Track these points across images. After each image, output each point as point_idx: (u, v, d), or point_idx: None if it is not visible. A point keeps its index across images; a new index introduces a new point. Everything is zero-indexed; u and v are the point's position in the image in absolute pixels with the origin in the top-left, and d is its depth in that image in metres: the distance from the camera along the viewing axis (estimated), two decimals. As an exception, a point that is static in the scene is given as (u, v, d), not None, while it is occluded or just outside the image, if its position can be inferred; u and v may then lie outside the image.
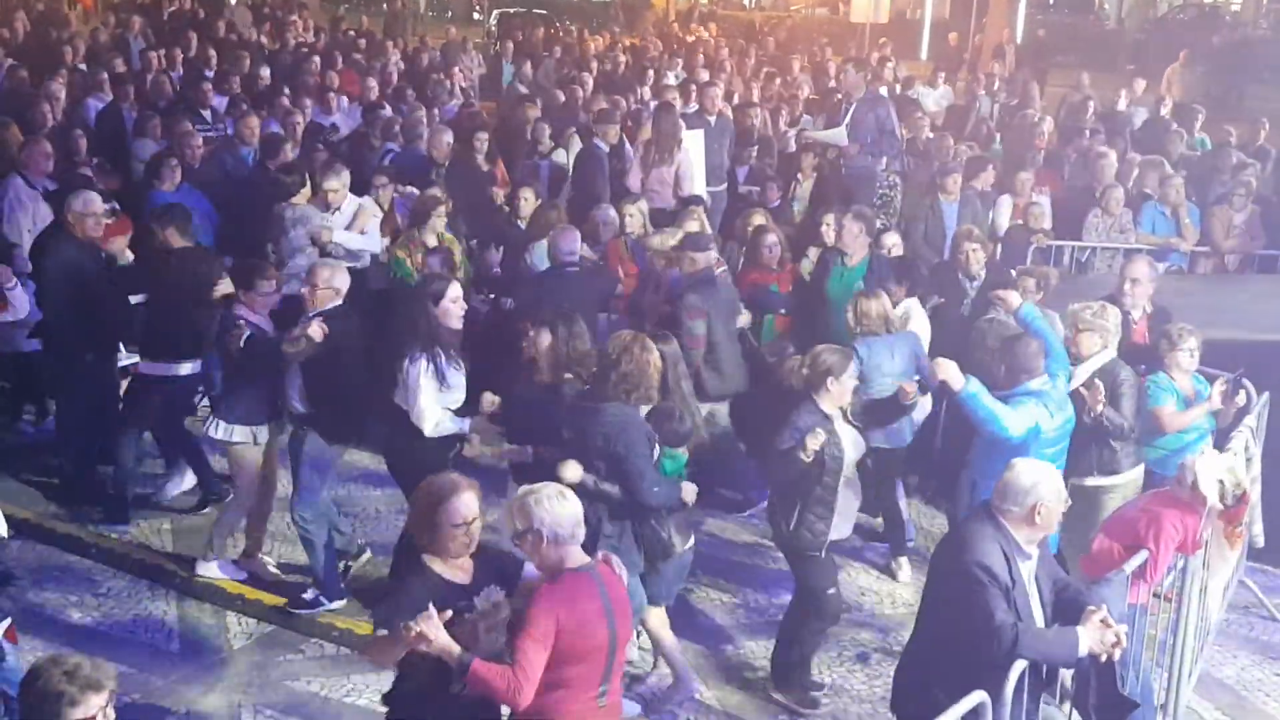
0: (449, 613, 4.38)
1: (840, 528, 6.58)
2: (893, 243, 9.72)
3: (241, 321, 7.20)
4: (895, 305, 8.28)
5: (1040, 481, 5.13)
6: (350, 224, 9.64)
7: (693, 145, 11.86)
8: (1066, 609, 5.17)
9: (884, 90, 15.23)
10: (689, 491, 6.43)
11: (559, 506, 4.61)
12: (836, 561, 6.98)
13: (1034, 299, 7.90)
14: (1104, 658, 5.08)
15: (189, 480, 8.60)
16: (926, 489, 9.08)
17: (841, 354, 6.56)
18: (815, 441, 6.25)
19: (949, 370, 6.49)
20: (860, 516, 7.43)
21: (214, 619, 7.39)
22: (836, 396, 6.48)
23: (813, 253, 9.96)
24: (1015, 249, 10.72)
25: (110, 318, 8.34)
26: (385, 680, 6.70)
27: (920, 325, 8.45)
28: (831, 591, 6.66)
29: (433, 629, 4.32)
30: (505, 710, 4.65)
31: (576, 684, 4.59)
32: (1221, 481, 6.28)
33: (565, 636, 4.49)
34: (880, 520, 8.51)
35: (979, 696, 4.82)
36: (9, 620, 5.31)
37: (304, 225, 9.40)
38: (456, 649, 4.36)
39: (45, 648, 6.59)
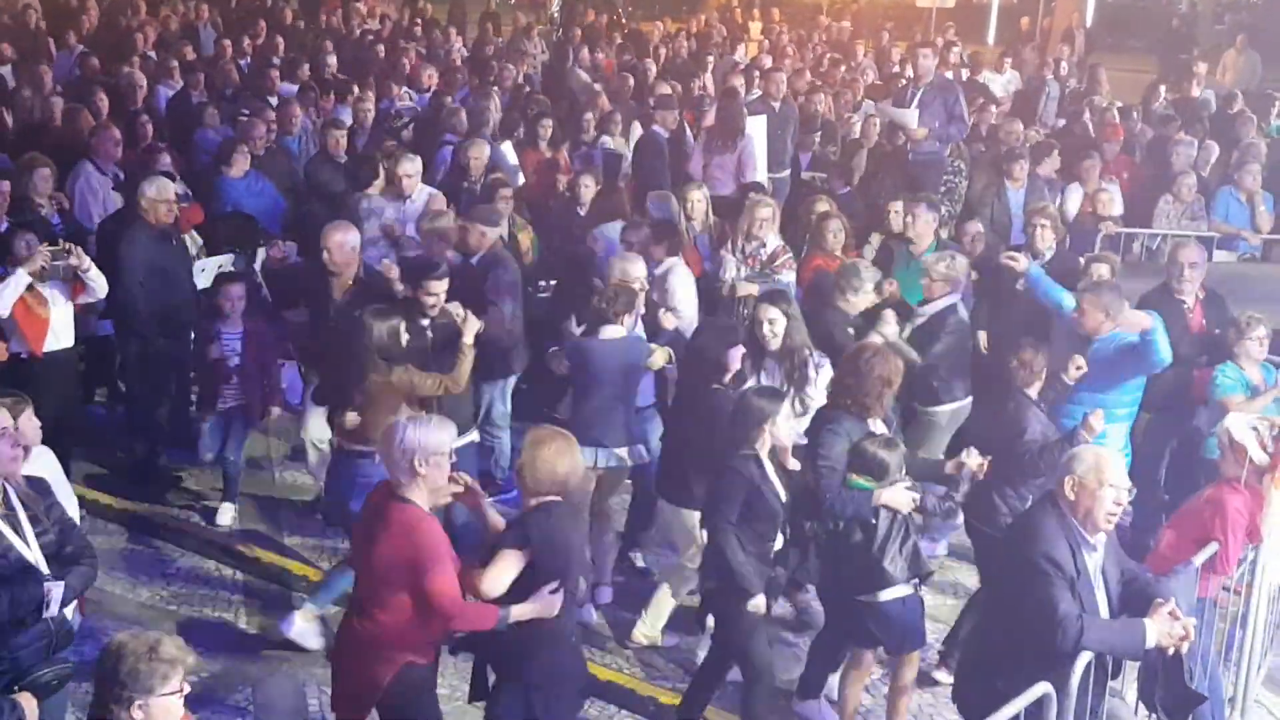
0: None
1: None
2: (975, 231, 9.62)
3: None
4: (657, 265, 8.50)
5: (1076, 456, 5.11)
6: (422, 215, 9.68)
7: (755, 131, 11.81)
8: (1134, 601, 5.11)
9: (950, 75, 15.07)
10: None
11: (420, 435, 5.00)
12: None
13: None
14: (1171, 651, 5.02)
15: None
16: None
17: (1037, 346, 6.92)
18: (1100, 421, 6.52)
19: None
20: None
21: (281, 598, 7.49)
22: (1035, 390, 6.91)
23: (875, 239, 9.89)
24: (1084, 236, 10.59)
25: (182, 302, 8.47)
26: (449, 661, 6.81)
27: (684, 284, 8.57)
28: None
29: None
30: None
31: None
32: (1255, 428, 6.16)
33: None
34: None
35: (1044, 688, 4.78)
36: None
37: (378, 217, 9.46)
38: None
39: (115, 626, 6.71)
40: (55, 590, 5.01)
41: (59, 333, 7.81)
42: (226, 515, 8.23)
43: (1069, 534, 4.99)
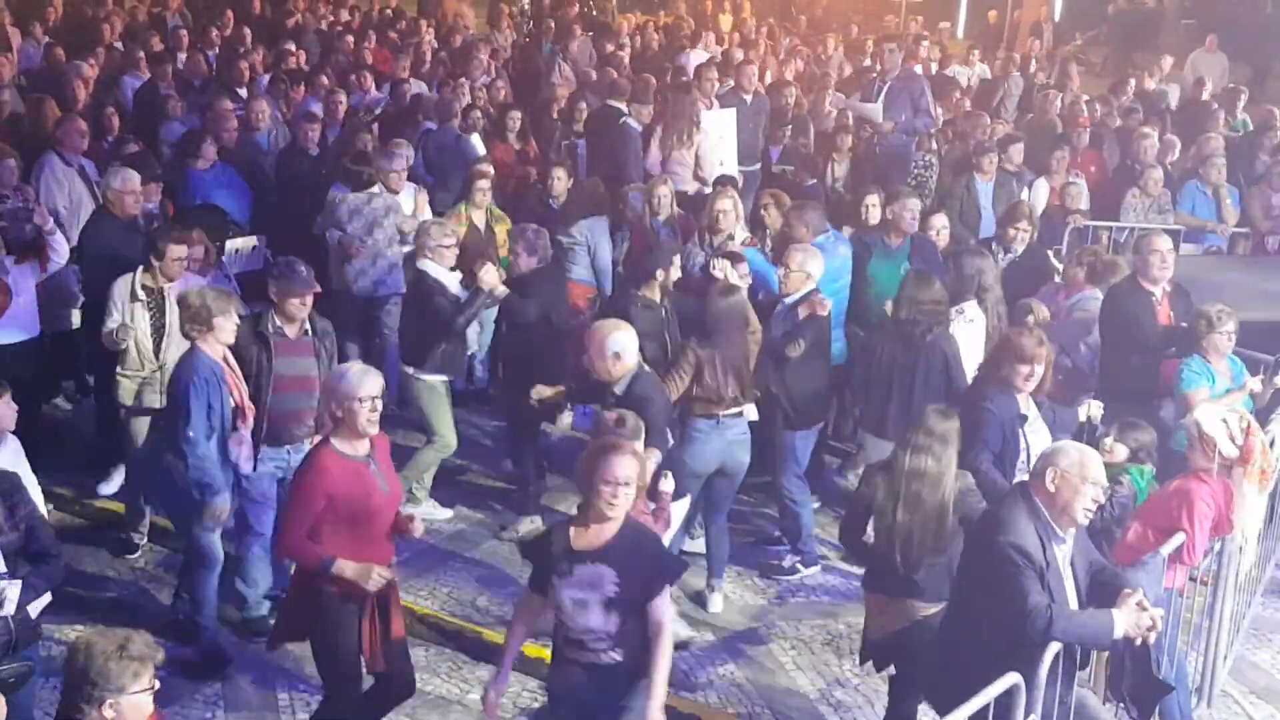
0: None
1: None
2: (940, 225, 9.63)
3: None
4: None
5: (1060, 450, 5.13)
6: (415, 209, 9.69)
7: (725, 124, 11.79)
8: (1102, 592, 5.14)
9: (918, 68, 15.11)
10: None
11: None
12: None
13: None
14: (1139, 641, 5.05)
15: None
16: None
17: None
18: None
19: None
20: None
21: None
22: None
23: (846, 231, 9.88)
24: (1052, 229, 10.65)
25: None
26: (417, 657, 6.81)
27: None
28: None
29: None
30: None
31: None
32: (1225, 420, 6.20)
33: None
34: None
35: (1013, 678, 4.80)
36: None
37: (395, 214, 9.44)
38: None
39: (81, 621, 6.67)
40: (11, 589, 4.93)
41: (23, 323, 7.74)
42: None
43: (1039, 525, 5.02)
